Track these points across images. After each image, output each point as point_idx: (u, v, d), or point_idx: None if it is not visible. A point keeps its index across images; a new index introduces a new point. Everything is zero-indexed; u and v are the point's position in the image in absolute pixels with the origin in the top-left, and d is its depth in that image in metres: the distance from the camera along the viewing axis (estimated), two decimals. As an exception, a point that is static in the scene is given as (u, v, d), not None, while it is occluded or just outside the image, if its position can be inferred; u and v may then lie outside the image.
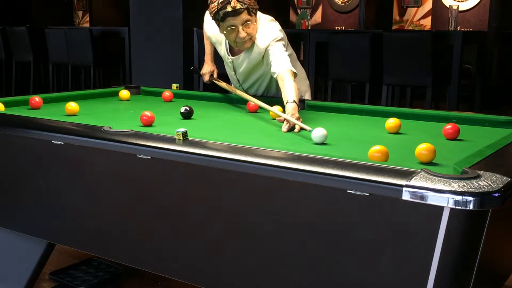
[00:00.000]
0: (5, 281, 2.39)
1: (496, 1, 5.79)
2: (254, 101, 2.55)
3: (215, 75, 3.08)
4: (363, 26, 7.24)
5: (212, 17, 2.61)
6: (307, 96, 2.97)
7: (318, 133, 1.87)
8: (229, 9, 2.50)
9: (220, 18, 2.55)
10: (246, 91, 2.86)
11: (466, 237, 1.29)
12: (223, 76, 3.04)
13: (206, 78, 3.06)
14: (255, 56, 2.69)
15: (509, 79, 6.33)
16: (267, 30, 2.67)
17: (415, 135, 2.09)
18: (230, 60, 2.83)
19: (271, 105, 2.38)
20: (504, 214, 1.47)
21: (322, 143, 1.86)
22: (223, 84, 2.91)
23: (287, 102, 2.31)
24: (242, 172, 1.56)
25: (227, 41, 2.78)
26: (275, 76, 2.54)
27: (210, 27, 2.87)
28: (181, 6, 5.37)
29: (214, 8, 2.54)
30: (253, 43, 2.66)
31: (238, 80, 2.91)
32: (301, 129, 2.07)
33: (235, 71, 2.87)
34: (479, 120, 2.28)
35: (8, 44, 7.57)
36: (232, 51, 2.83)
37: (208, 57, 3.10)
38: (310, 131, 1.93)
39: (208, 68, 3.07)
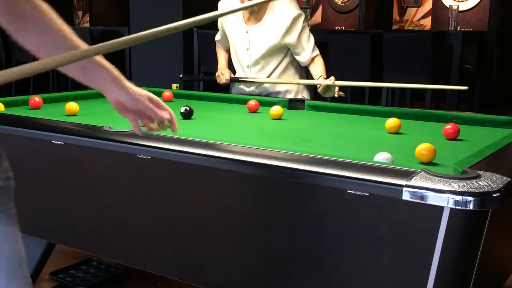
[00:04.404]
0: (5, 281, 2.38)
1: (496, 1, 5.80)
2: (274, 82, 2.83)
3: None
4: (363, 26, 7.24)
5: None
6: (306, 95, 2.98)
7: (381, 156, 1.59)
8: None
9: None
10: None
11: (466, 237, 1.28)
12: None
13: (227, 77, 2.98)
14: (276, 23, 2.78)
15: (509, 79, 6.33)
16: (288, 2, 2.80)
17: (415, 135, 2.09)
18: (246, 30, 2.84)
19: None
20: (504, 214, 1.47)
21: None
22: (242, 79, 2.92)
23: (320, 76, 2.79)
24: (242, 172, 1.56)
25: (241, 12, 2.85)
26: (303, 65, 2.89)
27: (220, 17, 2.88)
28: (181, 6, 5.37)
29: None
30: (270, 13, 2.78)
31: (248, 66, 2.92)
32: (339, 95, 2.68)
33: (248, 48, 2.88)
34: (479, 120, 2.28)
35: (8, 44, 7.57)
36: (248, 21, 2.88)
37: (223, 63, 3.10)
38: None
39: (225, 71, 3.04)
